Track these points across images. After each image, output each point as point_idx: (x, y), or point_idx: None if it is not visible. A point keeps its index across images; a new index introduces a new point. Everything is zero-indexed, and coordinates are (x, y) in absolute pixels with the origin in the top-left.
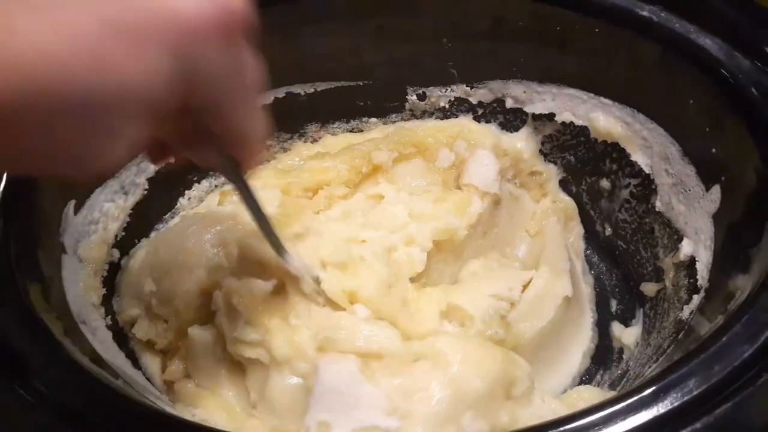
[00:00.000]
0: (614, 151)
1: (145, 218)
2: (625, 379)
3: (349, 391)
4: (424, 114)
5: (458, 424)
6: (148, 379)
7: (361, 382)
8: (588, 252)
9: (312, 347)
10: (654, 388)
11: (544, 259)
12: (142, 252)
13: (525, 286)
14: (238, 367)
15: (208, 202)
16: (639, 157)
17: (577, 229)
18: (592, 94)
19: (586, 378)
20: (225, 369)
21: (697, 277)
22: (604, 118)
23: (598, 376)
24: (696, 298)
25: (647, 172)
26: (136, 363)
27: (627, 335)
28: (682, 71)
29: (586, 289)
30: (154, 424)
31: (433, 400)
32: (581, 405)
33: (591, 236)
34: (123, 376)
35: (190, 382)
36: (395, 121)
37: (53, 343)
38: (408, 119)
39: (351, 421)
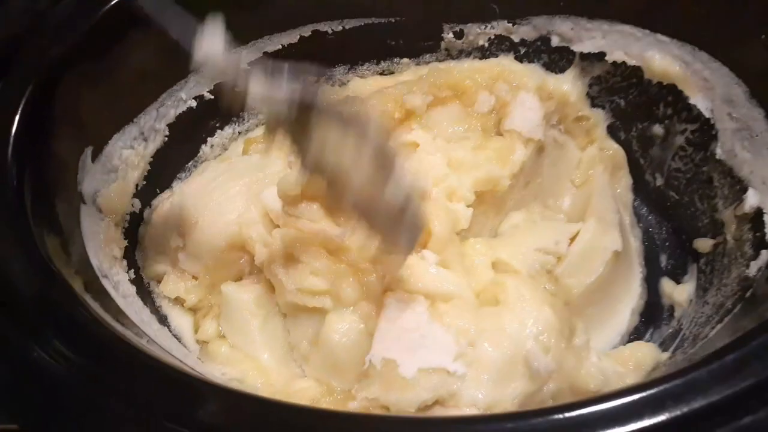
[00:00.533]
0: (670, 94)
1: (166, 167)
2: (678, 339)
3: (416, 330)
4: (461, 54)
5: (527, 363)
6: (177, 338)
7: (430, 323)
8: (636, 204)
9: (379, 289)
10: (734, 355)
11: (591, 211)
12: (166, 204)
13: (571, 240)
14: (280, 324)
15: (232, 151)
16: (698, 100)
17: (626, 179)
18: (647, 31)
19: (634, 336)
20: (263, 328)
21: (765, 230)
22: (661, 57)
23: (648, 335)
24: (765, 254)
25: (707, 116)
26: (162, 320)
27: (679, 292)
28: (751, 3)
29: (635, 243)
30: (180, 386)
31: (500, 344)
32: (633, 363)
33: (639, 187)
34: (148, 333)
35: (224, 344)
36: (429, 62)
37: (73, 298)
38: (443, 60)
39: (417, 361)
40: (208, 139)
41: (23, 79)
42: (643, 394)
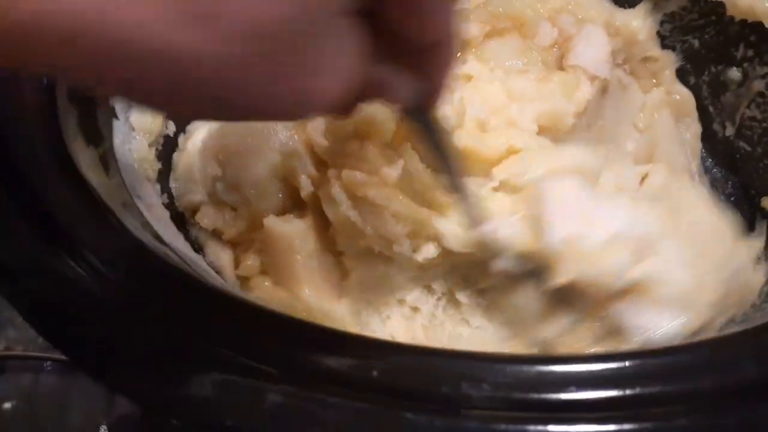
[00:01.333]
0: (753, 33)
1: None
2: None
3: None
4: None
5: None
6: (215, 270)
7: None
8: (702, 154)
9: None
10: None
11: (659, 156)
12: (202, 131)
13: (641, 181)
14: (328, 261)
15: None
16: None
17: (694, 127)
18: None
19: None
20: (307, 264)
21: None
22: None
23: None
24: None
25: None
26: (197, 249)
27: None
28: None
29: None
30: (225, 306)
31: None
32: None
33: (706, 136)
34: (185, 259)
35: (266, 280)
36: None
37: (108, 213)
38: None
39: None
40: None
41: None
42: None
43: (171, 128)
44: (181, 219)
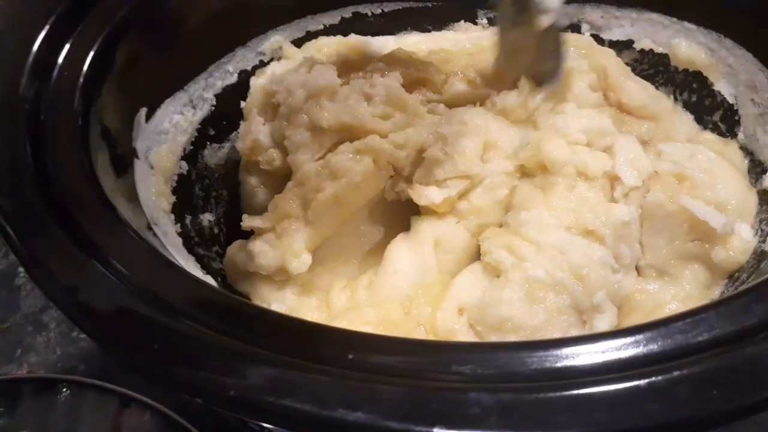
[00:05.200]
0: (695, 81)
1: (212, 134)
2: None
3: None
4: None
5: None
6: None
7: None
8: None
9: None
10: None
11: None
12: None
13: None
14: None
15: None
16: (722, 87)
17: None
18: (674, 19)
19: None
20: None
21: None
22: (687, 45)
23: None
24: None
25: (731, 102)
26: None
27: None
28: None
29: None
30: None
31: None
32: None
33: None
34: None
35: None
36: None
37: (130, 230)
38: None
39: None
40: None
41: (94, 31)
42: None
43: (184, 167)
44: (192, 245)
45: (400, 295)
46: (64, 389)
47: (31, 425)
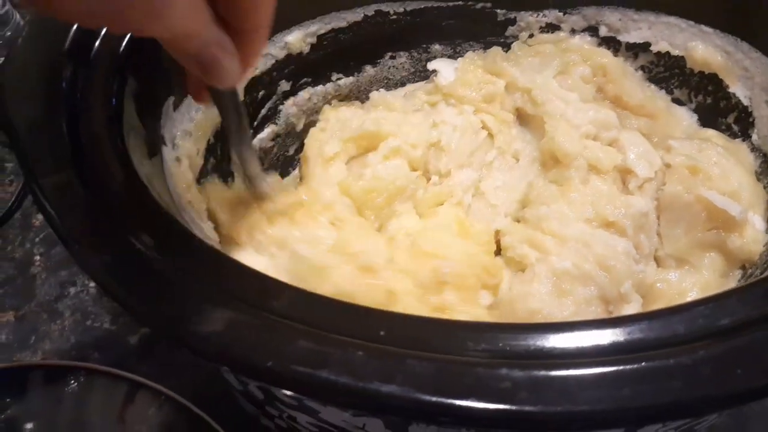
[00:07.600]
0: (711, 84)
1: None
2: None
3: None
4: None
5: None
6: None
7: None
8: None
9: None
10: None
11: None
12: None
13: None
14: None
15: None
16: (737, 89)
17: None
18: (692, 22)
19: None
20: None
21: None
22: (704, 48)
23: None
24: None
25: (745, 104)
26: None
27: None
28: None
29: None
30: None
31: None
32: None
33: None
34: None
35: None
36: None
37: (161, 206)
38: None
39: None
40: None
41: None
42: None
43: (211, 162)
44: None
45: None
46: (75, 377)
47: (40, 412)
